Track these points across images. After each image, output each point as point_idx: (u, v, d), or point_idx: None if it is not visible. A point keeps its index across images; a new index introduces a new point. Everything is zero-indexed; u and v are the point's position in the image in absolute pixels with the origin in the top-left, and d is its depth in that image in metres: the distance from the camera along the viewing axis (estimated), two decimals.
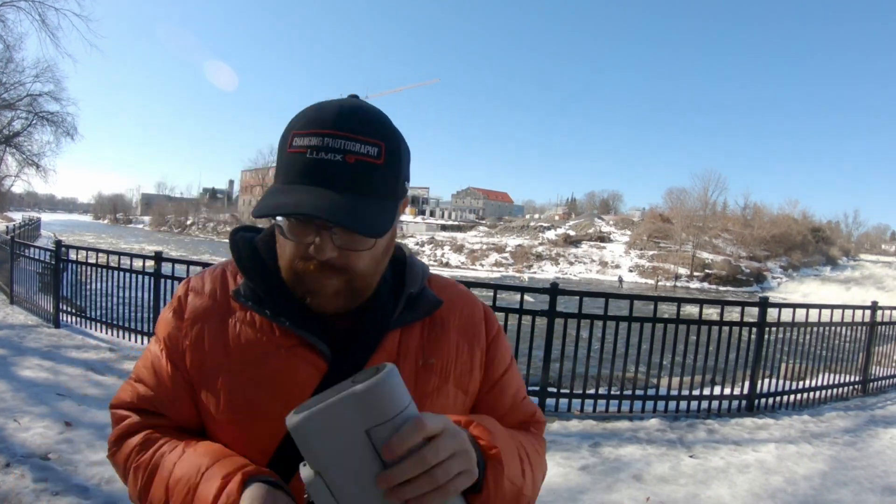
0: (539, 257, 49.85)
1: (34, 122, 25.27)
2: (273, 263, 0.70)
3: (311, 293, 0.66)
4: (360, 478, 0.51)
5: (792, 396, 5.12)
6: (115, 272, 5.91)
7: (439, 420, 0.55)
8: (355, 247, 0.64)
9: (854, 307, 5.65)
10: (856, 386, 5.74)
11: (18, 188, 33.14)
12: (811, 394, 5.25)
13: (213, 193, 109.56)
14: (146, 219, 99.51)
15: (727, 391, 4.77)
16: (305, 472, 0.53)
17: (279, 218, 0.66)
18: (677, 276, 43.88)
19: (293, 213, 0.60)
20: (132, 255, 5.88)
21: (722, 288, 42.15)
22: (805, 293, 37.43)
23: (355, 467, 0.51)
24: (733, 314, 4.92)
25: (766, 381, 5.02)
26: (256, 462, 0.65)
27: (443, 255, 50.87)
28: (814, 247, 54.65)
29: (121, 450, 0.73)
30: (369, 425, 0.51)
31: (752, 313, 4.96)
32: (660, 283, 42.24)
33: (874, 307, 5.85)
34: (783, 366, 5.23)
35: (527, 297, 4.39)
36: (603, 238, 54.97)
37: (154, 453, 0.68)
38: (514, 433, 0.73)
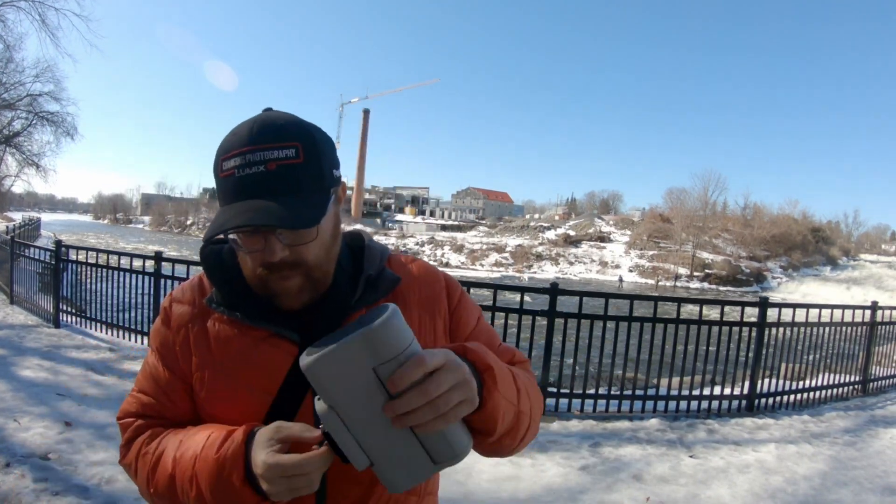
0: (539, 257, 49.84)
1: (34, 122, 25.25)
2: (240, 269, 0.76)
3: (276, 296, 0.72)
4: (369, 409, 0.57)
5: (792, 396, 5.12)
6: (115, 272, 5.91)
7: (440, 354, 0.59)
8: (301, 241, 0.69)
9: (854, 307, 5.65)
10: (856, 386, 5.74)
11: (18, 188, 33.11)
12: (811, 394, 5.24)
13: (213, 193, 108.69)
14: (146, 219, 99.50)
15: (727, 391, 4.77)
16: (319, 405, 0.59)
17: (231, 236, 0.71)
18: (677, 276, 43.87)
19: (232, 227, 0.65)
20: (132, 255, 5.88)
21: (722, 288, 42.14)
22: (805, 293, 37.42)
23: (364, 401, 0.57)
24: (733, 314, 4.92)
25: (766, 381, 5.01)
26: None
27: (443, 255, 50.84)
28: (814, 247, 54.62)
29: (130, 450, 0.78)
30: (375, 363, 0.56)
31: (752, 313, 4.96)
32: (660, 283, 42.23)
33: (874, 307, 5.85)
34: (783, 366, 5.23)
35: (527, 297, 4.39)
36: (603, 238, 54.96)
37: (161, 440, 0.75)
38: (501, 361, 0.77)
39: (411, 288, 0.82)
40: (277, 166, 0.67)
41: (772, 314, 4.99)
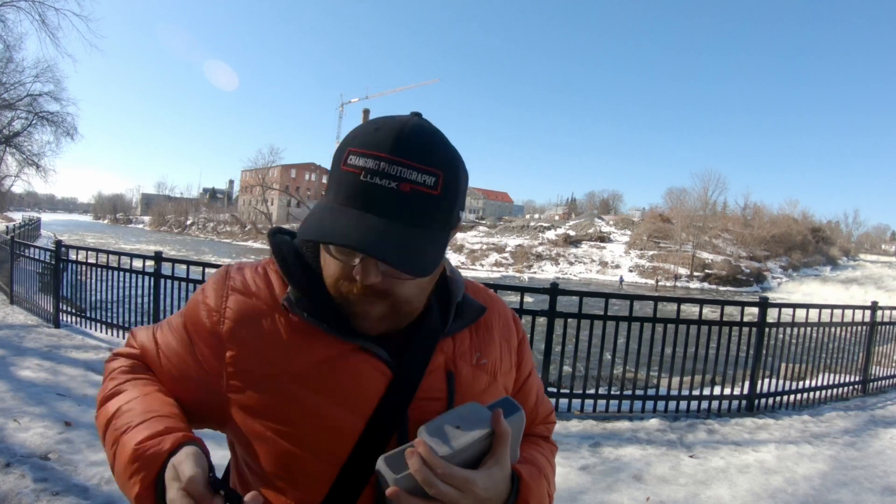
0: (539, 257, 49.86)
1: (34, 122, 25.30)
2: (319, 270, 0.68)
3: (355, 316, 0.65)
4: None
5: (792, 396, 5.12)
6: (115, 272, 5.91)
7: (497, 481, 0.61)
8: (398, 275, 0.62)
9: (854, 307, 5.65)
10: (856, 386, 5.74)
11: (18, 188, 33.18)
12: (811, 394, 5.24)
13: (212, 193, 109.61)
14: (146, 219, 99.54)
15: (727, 391, 4.77)
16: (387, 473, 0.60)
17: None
18: (677, 276, 43.88)
19: (338, 243, 0.58)
20: (132, 255, 5.88)
21: (722, 288, 42.16)
22: (805, 293, 37.45)
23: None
24: (733, 314, 4.92)
25: (766, 381, 5.01)
26: (327, 472, 0.65)
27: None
28: (814, 247, 54.65)
29: (112, 361, 0.76)
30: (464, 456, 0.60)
31: (752, 313, 4.96)
32: (660, 283, 42.24)
33: (874, 307, 5.85)
34: (783, 366, 5.23)
35: (527, 297, 4.39)
36: (603, 238, 54.97)
37: (130, 378, 0.71)
38: (543, 461, 0.78)
39: (493, 315, 0.80)
40: (412, 190, 0.59)
41: (772, 314, 4.99)
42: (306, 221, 0.61)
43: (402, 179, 0.58)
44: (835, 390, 5.49)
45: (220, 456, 0.69)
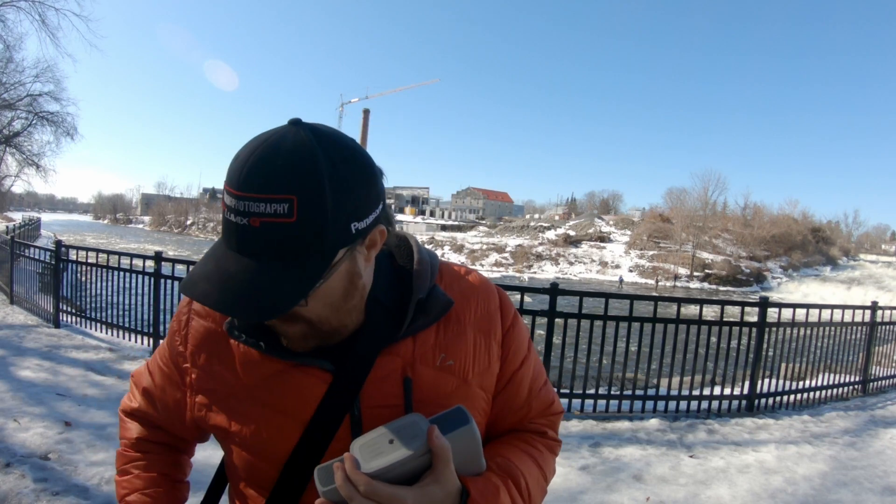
0: (539, 257, 49.85)
1: (34, 122, 25.27)
2: None
3: (282, 335, 0.66)
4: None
5: (792, 396, 5.12)
6: (115, 272, 5.90)
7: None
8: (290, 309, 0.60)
9: (854, 307, 5.65)
10: (856, 386, 5.74)
11: (18, 188, 33.14)
12: (811, 394, 5.24)
13: (212, 193, 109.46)
14: (146, 219, 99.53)
15: (727, 391, 4.77)
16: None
17: None
18: (677, 276, 43.88)
19: (191, 296, 0.58)
20: (132, 255, 5.87)
21: (722, 288, 42.16)
22: (805, 293, 37.45)
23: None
24: (733, 314, 4.92)
25: (766, 381, 5.01)
26: (268, 471, 0.69)
27: (443, 255, 50.64)
28: (814, 247, 54.69)
29: (122, 427, 0.86)
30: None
31: (752, 313, 4.96)
32: (660, 283, 42.22)
33: (874, 307, 5.85)
34: (783, 366, 5.23)
35: (527, 297, 4.39)
36: (603, 238, 54.99)
37: (133, 477, 0.81)
38: (524, 465, 0.72)
39: (467, 305, 0.74)
40: (261, 224, 0.55)
41: (772, 314, 4.98)
42: (190, 272, 0.62)
43: (251, 214, 0.55)
44: (835, 390, 5.48)
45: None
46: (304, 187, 0.55)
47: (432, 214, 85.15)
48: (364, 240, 0.63)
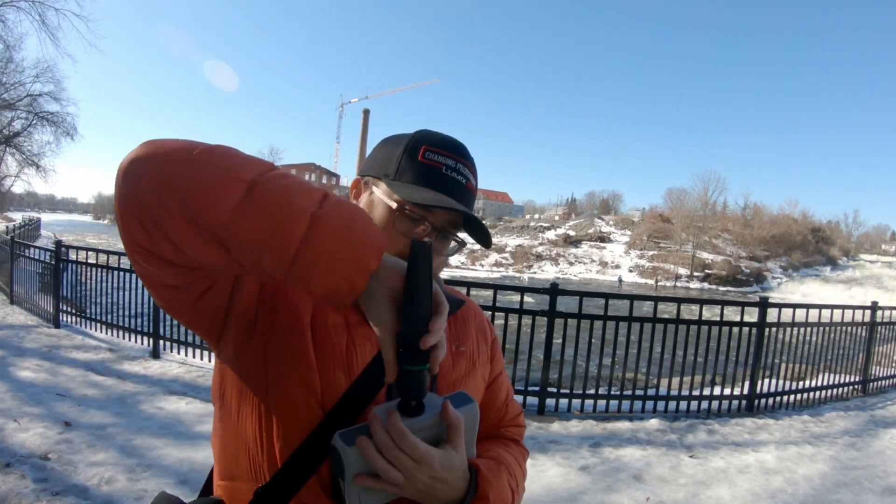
0: (539, 257, 49.85)
1: (34, 122, 25.30)
2: None
3: None
4: None
5: (792, 397, 5.12)
6: (115, 272, 5.90)
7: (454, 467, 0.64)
8: (443, 251, 0.78)
9: (854, 307, 5.65)
10: (856, 386, 5.74)
11: (18, 188, 33.20)
12: (811, 394, 5.24)
13: None
14: None
15: (727, 391, 4.76)
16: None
17: (407, 209, 0.73)
18: (677, 276, 43.88)
19: (450, 207, 0.71)
20: None
21: (722, 288, 42.16)
22: (805, 293, 37.46)
23: None
24: (733, 314, 4.92)
25: (766, 381, 5.01)
26: (313, 416, 0.66)
27: None
28: (814, 247, 54.67)
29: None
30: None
31: (752, 313, 4.96)
32: (660, 284, 42.22)
33: (874, 307, 5.85)
34: (783, 366, 5.23)
35: (527, 298, 4.38)
36: (603, 238, 54.98)
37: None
38: (510, 459, 0.81)
39: (469, 311, 0.89)
40: (471, 188, 0.78)
41: (772, 314, 4.98)
42: (405, 191, 0.72)
43: (467, 178, 0.77)
44: (835, 390, 5.48)
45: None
46: (475, 169, 0.81)
47: None
48: None
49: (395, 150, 0.77)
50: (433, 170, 0.74)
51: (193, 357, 5.21)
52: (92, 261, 6.27)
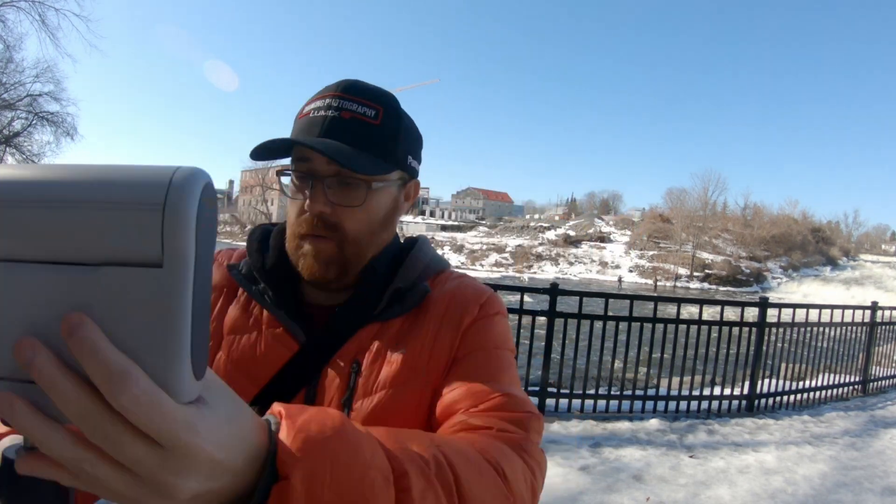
0: (539, 257, 49.85)
1: (34, 122, 25.26)
2: (280, 251, 0.72)
3: (304, 256, 0.67)
4: None
5: (792, 397, 5.12)
6: None
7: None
8: (347, 202, 0.65)
9: (854, 307, 5.65)
10: (856, 386, 5.74)
11: None
12: (811, 394, 5.24)
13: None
14: None
15: (727, 391, 4.76)
16: None
17: (284, 180, 0.69)
18: (677, 277, 43.88)
19: (282, 143, 0.63)
20: None
21: (722, 288, 42.15)
22: (805, 293, 37.46)
23: None
24: (733, 314, 4.92)
25: (766, 381, 5.01)
26: None
27: (443, 255, 50.63)
28: (814, 247, 54.71)
29: None
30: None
31: (752, 313, 4.96)
32: (659, 284, 42.24)
33: (874, 307, 5.85)
34: (783, 366, 5.23)
35: (527, 297, 4.38)
36: (603, 238, 55.01)
37: None
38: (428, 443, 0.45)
39: (439, 301, 0.70)
40: (352, 117, 0.65)
41: (772, 314, 4.99)
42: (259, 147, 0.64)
43: (343, 109, 0.65)
44: (835, 390, 5.49)
45: None
46: (389, 106, 0.68)
47: (432, 214, 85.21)
48: (407, 183, 0.73)
49: None
50: (301, 121, 0.66)
51: None
52: None
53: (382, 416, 0.62)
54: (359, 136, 0.64)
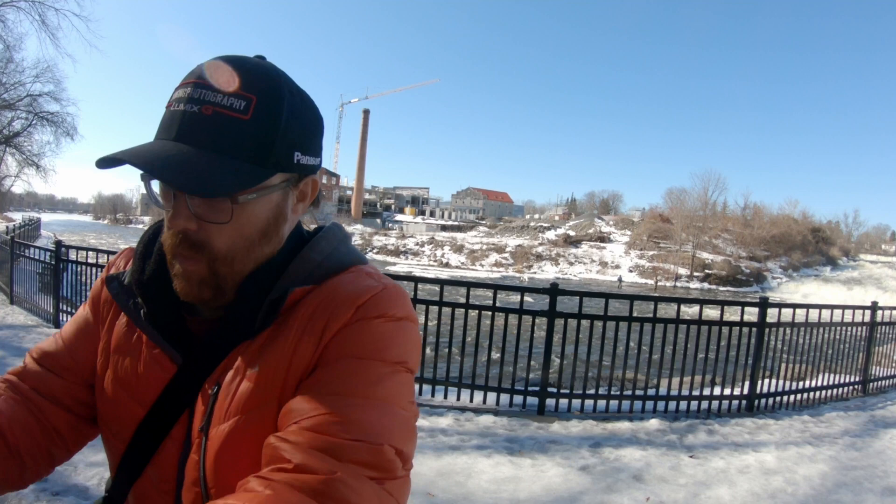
0: (539, 257, 49.80)
1: (34, 122, 25.26)
2: (162, 257, 0.64)
3: (176, 276, 0.59)
4: None
5: (792, 397, 5.12)
6: None
7: None
8: (210, 217, 0.56)
9: (854, 307, 5.65)
10: (856, 386, 5.74)
11: (18, 188, 33.16)
12: (811, 394, 5.24)
13: None
14: (146, 219, 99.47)
15: (727, 391, 4.76)
16: None
17: (154, 189, 0.58)
18: (677, 277, 43.85)
19: (113, 159, 0.51)
20: None
21: (722, 288, 42.12)
22: (805, 293, 37.43)
23: None
24: (733, 314, 4.92)
25: (766, 381, 5.01)
26: (117, 447, 0.65)
27: (443, 256, 50.85)
28: (814, 247, 54.66)
29: None
30: None
31: (752, 313, 4.96)
32: (660, 284, 42.21)
33: (874, 307, 5.85)
34: (783, 366, 5.23)
35: (527, 298, 4.38)
36: (603, 238, 54.95)
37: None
38: None
39: (308, 305, 0.59)
40: (214, 113, 0.53)
41: (772, 314, 4.98)
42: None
43: (205, 102, 0.53)
44: (835, 390, 5.48)
45: None
46: (265, 93, 0.55)
47: (432, 214, 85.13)
48: (298, 184, 0.62)
49: None
50: (164, 116, 0.56)
51: None
52: (92, 261, 6.26)
53: (235, 443, 0.56)
54: (222, 138, 0.53)
